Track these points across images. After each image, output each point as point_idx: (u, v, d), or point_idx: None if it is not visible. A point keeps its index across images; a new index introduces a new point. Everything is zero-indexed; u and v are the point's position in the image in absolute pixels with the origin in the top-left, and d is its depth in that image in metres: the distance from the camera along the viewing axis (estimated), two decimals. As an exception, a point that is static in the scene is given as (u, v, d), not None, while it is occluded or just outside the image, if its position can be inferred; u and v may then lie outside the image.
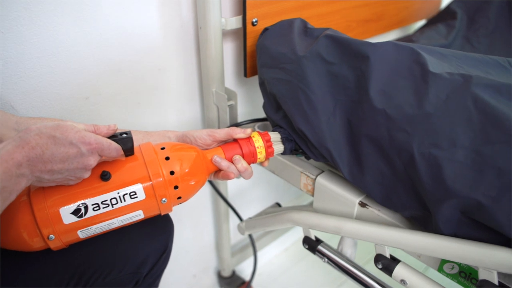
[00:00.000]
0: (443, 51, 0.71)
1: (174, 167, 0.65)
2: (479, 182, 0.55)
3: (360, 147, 0.70)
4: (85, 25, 0.78)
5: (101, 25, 0.81)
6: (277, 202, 1.13)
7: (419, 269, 0.69)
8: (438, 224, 0.61)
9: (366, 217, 0.75)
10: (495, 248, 0.56)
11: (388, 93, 0.65)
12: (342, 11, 1.14)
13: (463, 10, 1.34)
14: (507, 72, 0.74)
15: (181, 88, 1.01)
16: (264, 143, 0.76)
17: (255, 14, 0.92)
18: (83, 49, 0.80)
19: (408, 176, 0.65)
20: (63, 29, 0.76)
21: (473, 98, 0.58)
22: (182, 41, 0.95)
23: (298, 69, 0.74)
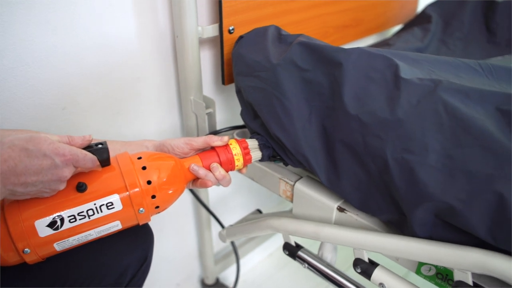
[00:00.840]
0: (415, 56, 0.73)
1: (151, 176, 0.65)
2: (450, 186, 0.56)
3: (336, 153, 0.70)
4: (61, 34, 0.78)
5: (77, 34, 0.80)
6: (258, 209, 1.14)
7: (401, 272, 0.70)
8: (414, 228, 0.62)
9: (345, 222, 0.76)
10: (468, 249, 0.57)
11: (362, 99, 0.66)
12: (319, 18, 1.15)
13: (438, 14, 1.37)
14: (478, 75, 0.76)
15: (160, 96, 1.01)
16: (241, 150, 0.76)
17: (232, 22, 0.92)
18: (59, 59, 0.80)
19: (383, 181, 0.65)
20: (38, 39, 0.75)
21: (443, 103, 0.59)
22: (160, 49, 0.95)
23: (272, 77, 0.75)
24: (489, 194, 0.53)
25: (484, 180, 0.54)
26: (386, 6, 1.40)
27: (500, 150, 0.54)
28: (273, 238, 1.59)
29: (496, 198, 0.53)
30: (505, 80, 0.78)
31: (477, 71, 0.77)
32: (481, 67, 0.78)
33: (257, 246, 1.54)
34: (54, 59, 0.79)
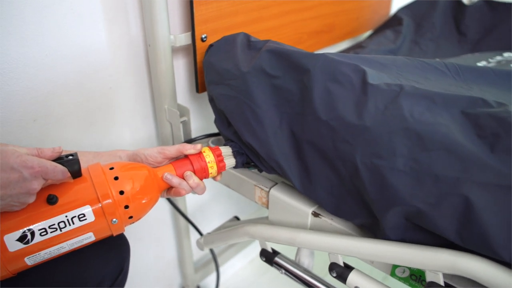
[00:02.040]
0: (384, 60, 0.74)
1: (124, 186, 0.65)
2: (418, 190, 0.57)
3: (308, 158, 0.71)
4: (30, 45, 0.77)
5: (46, 45, 0.79)
6: (236, 216, 1.14)
7: (379, 275, 0.70)
8: (386, 231, 0.63)
9: (320, 226, 0.76)
10: (438, 250, 0.58)
11: (331, 105, 0.66)
12: (292, 24, 1.16)
13: (410, 16, 1.41)
14: (445, 76, 0.77)
15: (134, 105, 1.00)
16: (215, 157, 0.76)
17: (204, 30, 0.92)
18: (29, 70, 0.79)
19: (355, 186, 0.66)
20: (5, 50, 0.74)
21: (409, 108, 0.60)
22: (133, 58, 0.95)
23: (242, 85, 0.75)
24: (455, 197, 0.54)
25: (450, 184, 0.55)
26: (359, 12, 1.42)
27: (464, 153, 0.55)
28: (254, 244, 1.59)
29: (462, 201, 0.54)
30: (472, 80, 0.80)
31: (444, 73, 0.79)
32: (448, 68, 0.80)
33: (237, 253, 1.53)
34: (23, 71, 0.78)
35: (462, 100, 0.62)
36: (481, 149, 0.55)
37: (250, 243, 1.57)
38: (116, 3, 0.87)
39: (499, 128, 0.57)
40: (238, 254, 1.54)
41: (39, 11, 0.76)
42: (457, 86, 0.77)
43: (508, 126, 0.56)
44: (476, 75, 0.81)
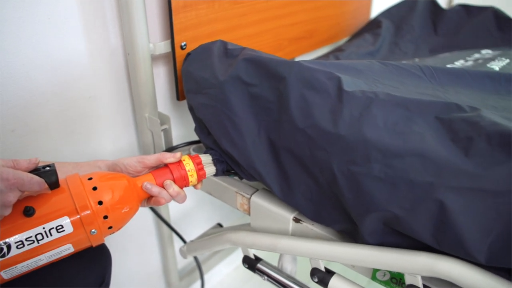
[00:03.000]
0: (360, 66, 0.75)
1: (103, 196, 0.64)
2: (394, 195, 0.58)
3: (286, 166, 0.71)
4: (8, 54, 0.76)
5: (25, 54, 0.79)
6: (219, 223, 1.13)
7: (364, 280, 0.71)
8: (364, 236, 0.63)
9: (301, 232, 0.76)
10: (416, 254, 0.59)
11: (307, 113, 0.67)
12: (273, 30, 1.17)
13: (389, 19, 1.44)
14: (422, 80, 0.78)
15: (115, 114, 1.00)
16: (195, 166, 0.76)
17: (184, 38, 0.93)
18: (6, 80, 0.78)
19: (333, 192, 0.67)
20: (-18, 62, 0.74)
21: (384, 115, 0.61)
22: (113, 67, 0.95)
23: (220, 94, 0.75)
24: (430, 202, 0.55)
25: (424, 189, 0.56)
26: (338, 18, 1.43)
27: (438, 158, 0.56)
28: (238, 251, 1.59)
29: (437, 206, 0.55)
30: (447, 83, 0.81)
31: (420, 77, 0.80)
32: (423, 72, 0.81)
33: (222, 260, 1.53)
34: (1, 81, 0.77)
35: (436, 106, 0.63)
36: (455, 154, 0.56)
37: (234, 250, 1.57)
38: (94, 12, 0.87)
39: (472, 132, 0.58)
40: (223, 261, 1.53)
41: (15, 21, 0.75)
42: (433, 89, 0.78)
43: (480, 129, 0.57)
44: (451, 77, 0.83)
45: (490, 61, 1.06)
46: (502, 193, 0.52)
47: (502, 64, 1.04)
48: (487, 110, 0.68)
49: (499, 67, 1.02)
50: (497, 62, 1.07)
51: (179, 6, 0.89)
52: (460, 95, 0.78)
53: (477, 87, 0.83)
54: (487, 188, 0.53)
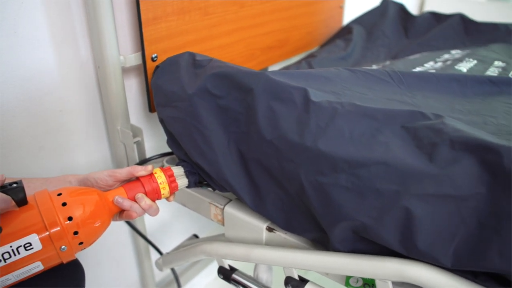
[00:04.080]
0: (328, 74, 0.75)
1: (72, 212, 0.64)
2: (361, 205, 0.59)
3: (256, 177, 0.72)
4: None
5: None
6: (195, 234, 1.13)
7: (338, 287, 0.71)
8: (335, 245, 0.64)
9: (275, 241, 0.77)
10: (386, 259, 0.60)
11: (274, 124, 0.67)
12: (244, 40, 1.18)
13: (361, 25, 1.46)
14: (390, 86, 0.80)
15: (87, 128, 0.99)
16: (166, 178, 0.76)
17: (154, 50, 0.93)
18: (-28, 97, 0.77)
19: (303, 202, 0.67)
20: None
21: (350, 126, 0.62)
22: (83, 80, 0.94)
23: (189, 107, 0.75)
24: (396, 209, 0.56)
25: (390, 197, 0.57)
26: (310, 26, 1.45)
27: (403, 167, 0.56)
28: (217, 261, 1.58)
29: (403, 213, 0.56)
30: (415, 87, 0.83)
31: (388, 82, 0.82)
32: (392, 77, 0.82)
33: (200, 271, 1.52)
34: (-34, 97, 0.76)
35: (402, 115, 0.64)
36: (420, 161, 0.57)
37: (212, 261, 1.56)
38: (63, 25, 0.86)
39: (436, 138, 0.59)
40: (201, 272, 1.52)
41: (-19, 36, 0.75)
42: (401, 95, 0.80)
43: (444, 135, 0.59)
44: (419, 82, 0.84)
45: (458, 63, 1.09)
46: (464, 197, 0.54)
47: (469, 66, 1.07)
48: (451, 118, 0.70)
49: (466, 68, 1.05)
50: (465, 63, 1.09)
51: (149, 18, 0.89)
52: (428, 99, 0.80)
53: (444, 91, 0.85)
54: (451, 193, 0.54)
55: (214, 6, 1.04)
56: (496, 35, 1.44)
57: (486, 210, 0.53)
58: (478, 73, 1.03)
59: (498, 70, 1.07)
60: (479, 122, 0.72)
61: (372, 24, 1.51)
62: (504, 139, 0.63)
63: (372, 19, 1.53)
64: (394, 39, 1.48)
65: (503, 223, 0.52)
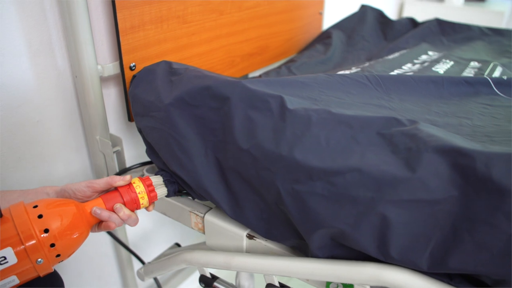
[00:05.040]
0: (304, 79, 0.76)
1: (49, 224, 0.63)
2: (338, 212, 0.59)
3: (235, 186, 0.72)
4: None
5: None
6: (177, 243, 1.13)
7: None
8: (313, 251, 0.64)
9: (255, 249, 0.77)
10: (364, 264, 0.60)
11: (251, 133, 0.68)
12: (224, 48, 1.18)
13: (341, 30, 1.48)
14: (368, 89, 0.81)
15: (65, 138, 0.98)
16: (145, 188, 0.75)
17: (132, 59, 0.92)
18: None
19: (281, 210, 0.67)
20: None
21: (325, 134, 0.62)
22: (61, 90, 0.93)
23: (166, 117, 0.75)
24: (373, 216, 0.57)
25: (366, 204, 0.57)
26: (290, 33, 1.46)
27: (377, 173, 0.57)
28: (202, 268, 1.57)
29: (379, 219, 0.56)
30: (393, 89, 0.84)
31: (366, 85, 0.82)
32: (369, 80, 0.83)
33: (185, 279, 1.51)
34: None
35: (377, 121, 0.64)
36: (395, 166, 0.58)
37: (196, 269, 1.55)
38: (39, 35, 0.85)
39: (411, 143, 0.60)
40: (185, 280, 1.52)
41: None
42: (378, 98, 0.80)
43: (418, 140, 0.59)
44: (397, 84, 0.86)
45: (436, 64, 1.11)
46: (438, 201, 0.54)
47: (446, 67, 1.09)
48: (427, 120, 0.71)
49: (443, 70, 1.07)
50: (441, 65, 1.11)
51: (127, 27, 0.89)
52: (405, 102, 0.81)
53: (421, 93, 0.86)
54: (424, 198, 0.55)
55: (192, 14, 1.04)
56: (470, 34, 1.48)
57: (460, 213, 0.54)
58: (454, 74, 1.05)
59: (474, 71, 1.09)
60: (455, 124, 0.74)
61: (351, 28, 1.53)
62: (478, 141, 0.64)
63: (351, 24, 1.55)
64: (373, 42, 1.50)
65: (476, 227, 0.53)
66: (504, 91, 0.90)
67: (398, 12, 2.83)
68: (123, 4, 0.87)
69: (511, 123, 0.73)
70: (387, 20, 1.61)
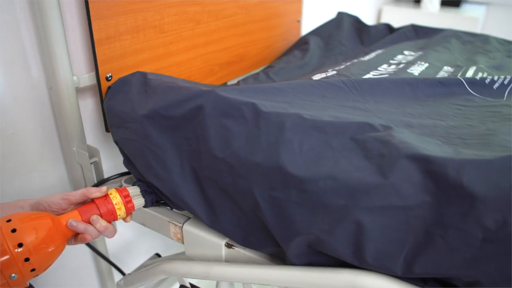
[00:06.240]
0: (278, 85, 0.76)
1: (23, 238, 0.62)
2: (313, 219, 0.60)
3: (211, 194, 0.72)
4: None
5: None
6: (157, 253, 1.12)
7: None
8: (291, 259, 0.65)
9: (234, 257, 0.77)
10: (339, 271, 0.61)
11: (226, 142, 0.68)
12: (202, 57, 1.18)
13: (318, 36, 1.49)
14: (343, 92, 0.81)
15: (42, 150, 0.97)
16: (122, 199, 0.75)
17: (109, 69, 0.92)
18: None
19: (258, 218, 0.68)
20: None
21: (298, 140, 0.63)
22: (36, 102, 0.92)
23: (140, 128, 0.75)
24: (347, 223, 0.57)
25: (340, 211, 0.58)
26: (268, 41, 1.47)
27: (350, 180, 0.57)
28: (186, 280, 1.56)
29: (354, 226, 0.57)
30: (368, 92, 0.85)
31: (341, 88, 0.83)
32: (345, 84, 0.84)
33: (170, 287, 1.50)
34: None
35: (351, 127, 0.65)
36: (368, 173, 0.58)
37: (179, 278, 1.54)
38: (12, 46, 0.84)
39: (384, 149, 0.60)
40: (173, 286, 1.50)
41: None
42: (353, 101, 0.81)
43: (391, 147, 0.60)
44: (372, 86, 0.87)
45: (411, 66, 1.12)
46: (410, 207, 0.55)
47: (421, 69, 1.10)
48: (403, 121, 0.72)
49: (418, 72, 1.08)
50: (416, 66, 1.13)
51: (102, 38, 0.89)
52: (380, 104, 0.82)
53: (397, 94, 0.87)
54: (397, 204, 0.55)
55: (169, 24, 1.04)
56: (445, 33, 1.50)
57: (432, 219, 0.55)
58: (429, 76, 1.07)
59: (447, 74, 1.11)
60: (429, 125, 0.74)
61: (328, 34, 1.54)
62: (451, 143, 0.65)
63: (328, 30, 1.56)
64: (350, 47, 1.51)
65: (449, 232, 0.54)
66: (477, 90, 0.92)
67: (376, 18, 2.87)
68: (98, 14, 0.87)
69: (483, 124, 0.74)
70: (363, 26, 1.63)
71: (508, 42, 1.43)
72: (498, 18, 2.91)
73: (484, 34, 1.51)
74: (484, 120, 0.76)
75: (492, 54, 1.28)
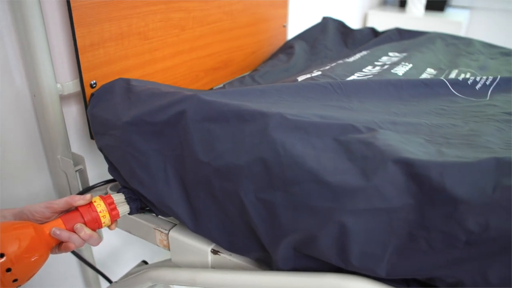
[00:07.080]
0: (262, 87, 0.77)
1: (5, 248, 0.61)
2: (298, 221, 0.60)
3: (197, 199, 0.72)
4: None
5: None
6: (144, 260, 1.11)
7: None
8: (277, 263, 0.65)
9: (221, 264, 0.77)
10: (324, 275, 0.61)
11: (210, 145, 0.68)
12: (187, 63, 1.18)
13: (303, 40, 1.50)
14: (328, 92, 0.82)
15: (26, 158, 0.96)
16: (106, 206, 0.74)
17: (93, 76, 0.91)
18: None
19: (245, 222, 0.68)
20: None
21: (282, 140, 0.63)
22: (20, 109, 0.91)
23: (124, 135, 0.75)
24: (332, 225, 0.57)
25: (325, 213, 0.58)
26: (254, 46, 1.47)
27: (334, 183, 0.58)
28: (174, 285, 1.55)
29: (338, 228, 0.57)
30: (353, 92, 0.86)
31: (326, 88, 0.84)
32: (330, 84, 0.85)
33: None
34: None
35: (334, 128, 0.65)
36: (351, 175, 0.58)
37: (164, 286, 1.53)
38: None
39: (368, 151, 0.60)
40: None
41: None
42: (338, 100, 0.82)
43: (375, 149, 0.60)
44: (356, 87, 0.87)
45: (395, 66, 1.13)
46: (394, 209, 0.55)
47: (405, 70, 1.11)
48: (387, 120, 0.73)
49: (402, 72, 1.09)
50: (401, 67, 1.14)
51: (86, 45, 0.89)
52: (364, 104, 0.82)
53: (381, 95, 0.88)
54: (381, 206, 0.56)
55: (154, 30, 1.04)
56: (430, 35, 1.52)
57: (416, 221, 0.55)
58: (413, 76, 1.08)
59: (430, 76, 1.12)
60: (414, 123, 0.75)
61: (313, 39, 1.55)
62: (435, 142, 0.65)
63: (314, 35, 1.57)
64: (336, 51, 1.52)
65: (432, 234, 0.54)
66: (460, 91, 0.93)
67: (362, 22, 2.89)
68: (81, 21, 0.86)
69: (467, 124, 0.74)
70: (348, 30, 1.64)
71: (491, 46, 1.45)
72: (481, 22, 2.96)
73: (468, 37, 1.53)
74: (467, 120, 0.76)
75: (475, 56, 1.30)
